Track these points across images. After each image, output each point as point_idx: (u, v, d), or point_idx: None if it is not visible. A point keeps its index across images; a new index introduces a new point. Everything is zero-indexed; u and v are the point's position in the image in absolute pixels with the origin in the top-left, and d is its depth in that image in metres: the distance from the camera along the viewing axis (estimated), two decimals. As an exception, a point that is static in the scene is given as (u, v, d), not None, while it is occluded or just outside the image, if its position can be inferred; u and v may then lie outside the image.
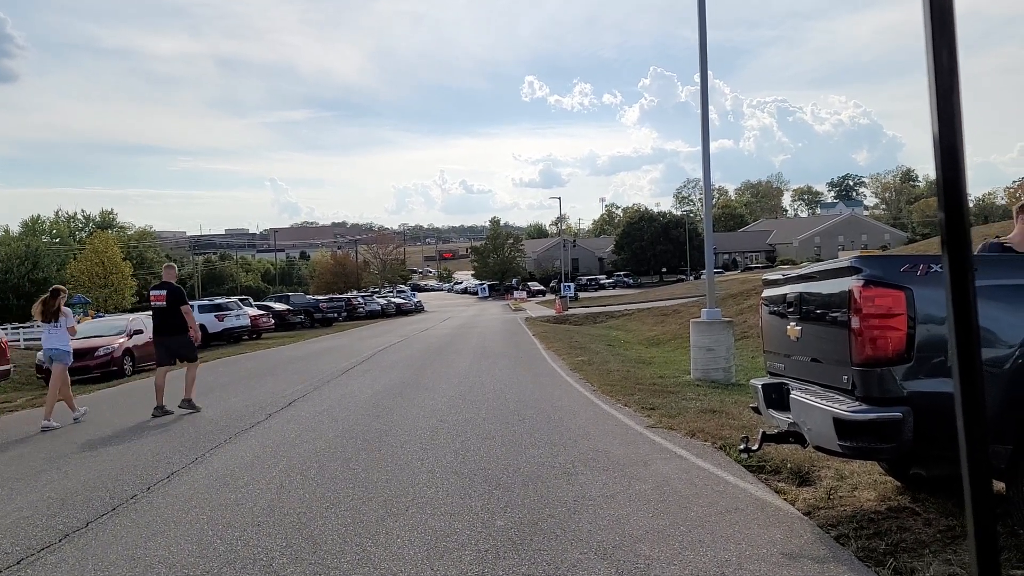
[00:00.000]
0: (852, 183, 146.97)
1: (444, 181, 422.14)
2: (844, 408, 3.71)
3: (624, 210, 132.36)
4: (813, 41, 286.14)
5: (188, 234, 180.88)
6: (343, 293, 61.22)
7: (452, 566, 3.87)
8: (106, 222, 79.77)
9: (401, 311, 54.05)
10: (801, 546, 3.95)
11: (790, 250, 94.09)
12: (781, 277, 5.08)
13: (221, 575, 3.94)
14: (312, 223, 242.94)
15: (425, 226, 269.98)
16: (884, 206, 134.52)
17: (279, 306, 38.89)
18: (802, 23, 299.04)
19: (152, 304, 10.80)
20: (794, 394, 4.37)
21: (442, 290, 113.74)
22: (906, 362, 3.58)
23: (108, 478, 6.41)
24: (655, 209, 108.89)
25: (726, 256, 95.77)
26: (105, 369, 17.43)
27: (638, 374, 12.80)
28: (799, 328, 4.48)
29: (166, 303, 10.42)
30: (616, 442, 6.88)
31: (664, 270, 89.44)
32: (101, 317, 27.61)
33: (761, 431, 4.82)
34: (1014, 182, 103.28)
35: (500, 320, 36.47)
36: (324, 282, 77.35)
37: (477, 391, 10.86)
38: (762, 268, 73.21)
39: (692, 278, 77.50)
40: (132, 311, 39.59)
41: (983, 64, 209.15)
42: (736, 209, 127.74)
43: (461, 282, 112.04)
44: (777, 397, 4.76)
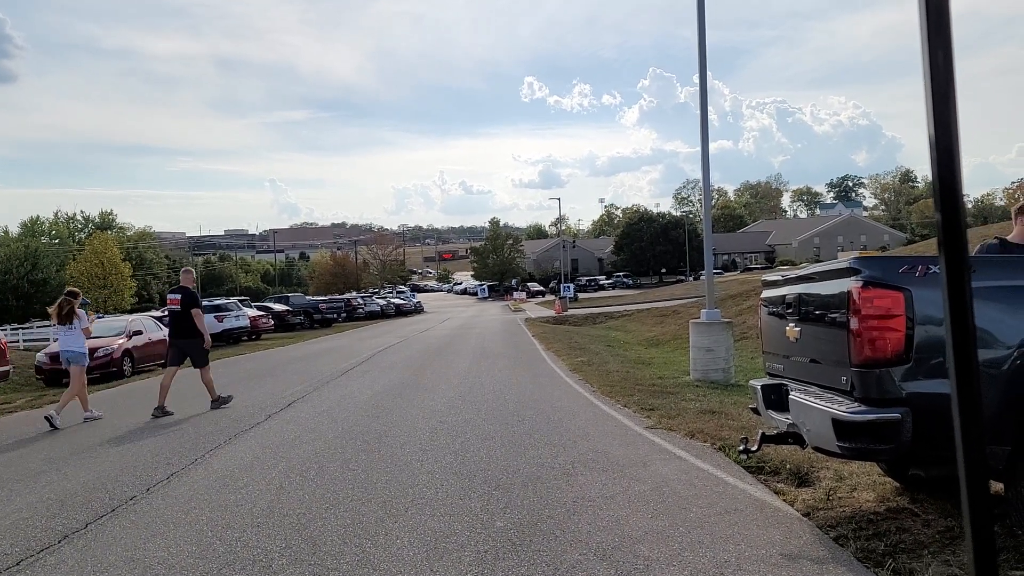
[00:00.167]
0: (851, 184, 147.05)
1: (443, 182, 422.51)
2: (843, 409, 3.71)
3: (623, 211, 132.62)
4: (813, 41, 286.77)
5: (188, 235, 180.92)
6: (342, 294, 61.26)
7: (451, 567, 3.87)
8: (105, 223, 79.72)
9: (400, 312, 54.07)
10: (800, 547, 3.95)
11: (789, 251, 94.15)
12: (780, 278, 5.08)
13: (220, 576, 3.94)
14: (311, 224, 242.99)
15: (424, 227, 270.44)
16: (883, 207, 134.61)
17: (278, 307, 38.90)
18: (802, 23, 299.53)
19: (168, 307, 11.08)
20: (793, 395, 4.37)
21: (441, 291, 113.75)
22: (905, 363, 3.59)
23: (107, 479, 6.41)
24: (654, 210, 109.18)
25: (725, 257, 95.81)
26: (104, 370, 17.41)
27: (637, 375, 12.80)
28: (798, 329, 4.49)
29: (180, 307, 10.63)
30: (615, 443, 6.88)
31: (663, 271, 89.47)
32: (100, 318, 27.55)
33: (760, 432, 4.82)
34: (1013, 183, 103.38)
35: (499, 321, 36.47)
36: (323, 283, 77.37)
37: (476, 392, 10.86)
38: (761, 269, 73.20)
39: (691, 279, 77.53)
40: (131, 312, 39.57)
41: (982, 65, 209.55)
42: (735, 210, 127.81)
43: (460, 283, 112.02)
44: (776, 398, 4.76)
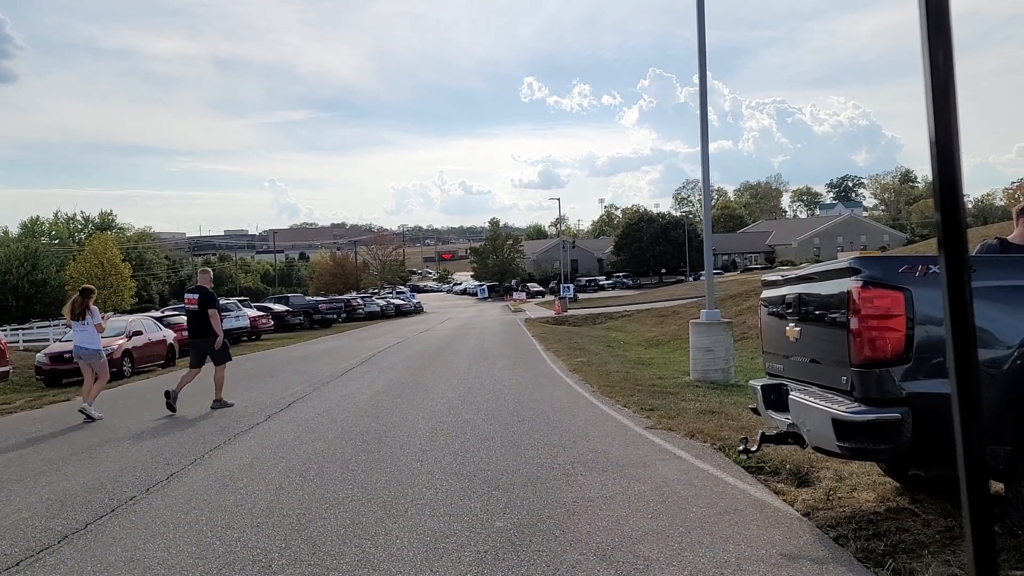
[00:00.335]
0: (851, 184, 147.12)
1: (443, 182, 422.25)
2: (843, 409, 3.71)
3: (623, 211, 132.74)
4: (812, 41, 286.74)
5: (187, 235, 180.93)
6: (342, 294, 61.27)
7: (451, 567, 3.87)
8: (105, 223, 79.76)
9: (400, 312, 54.06)
10: (800, 547, 3.95)
11: (789, 251, 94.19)
12: (780, 278, 5.08)
13: (220, 576, 3.94)
14: (311, 224, 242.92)
15: (424, 227, 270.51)
16: (883, 207, 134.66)
17: (278, 307, 38.89)
18: (801, 23, 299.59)
19: (185, 307, 11.30)
20: (793, 395, 4.37)
21: (441, 291, 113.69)
22: (905, 363, 3.59)
23: (107, 479, 6.40)
24: (654, 210, 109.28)
25: (725, 257, 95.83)
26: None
27: (637, 375, 12.80)
28: (798, 329, 4.49)
29: (197, 306, 10.78)
30: (615, 443, 6.88)
31: (663, 271, 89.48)
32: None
33: (760, 432, 4.82)
34: (1013, 183, 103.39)
35: (499, 321, 36.47)
36: (323, 283, 77.36)
37: (476, 392, 10.85)
38: (761, 269, 73.20)
39: (691, 279, 77.55)
40: (131, 312, 39.55)
41: (982, 65, 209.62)
42: (735, 210, 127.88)
43: (460, 283, 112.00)
44: (776, 398, 4.76)
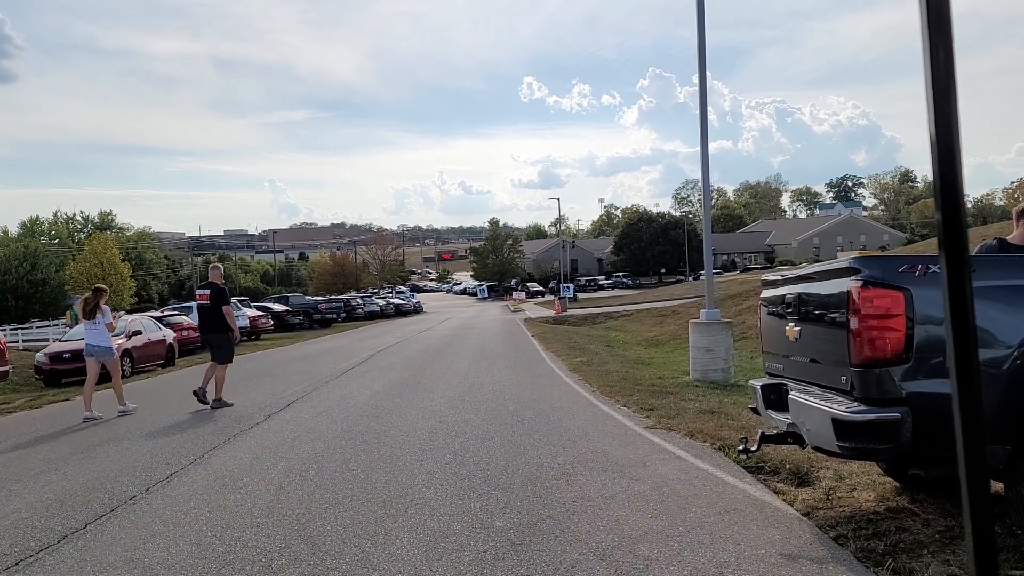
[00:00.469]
0: (851, 184, 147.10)
1: (443, 182, 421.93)
2: (843, 409, 3.71)
3: (623, 211, 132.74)
4: (812, 41, 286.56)
5: (187, 235, 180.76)
6: (342, 294, 61.25)
7: (451, 567, 3.87)
8: (105, 223, 79.79)
9: (400, 312, 54.07)
10: (800, 547, 3.95)
11: (789, 251, 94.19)
12: (780, 278, 5.08)
13: (220, 576, 3.94)
14: (311, 224, 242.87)
15: (424, 227, 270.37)
16: (883, 207, 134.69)
17: (278, 307, 38.89)
18: (801, 23, 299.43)
19: (197, 303, 11.45)
20: (793, 395, 4.37)
21: (441, 291, 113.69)
22: (905, 363, 3.59)
23: (107, 479, 6.40)
24: (654, 210, 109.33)
25: (725, 257, 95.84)
26: (103, 370, 17.37)
27: (637, 375, 12.80)
28: (798, 329, 4.49)
29: (209, 302, 10.90)
30: (615, 443, 6.88)
31: (663, 271, 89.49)
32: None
33: (760, 432, 4.82)
34: (1012, 183, 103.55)
35: (499, 321, 36.47)
36: (323, 283, 77.34)
37: (476, 392, 10.85)
38: (761, 269, 73.21)
39: (691, 279, 77.57)
40: (131, 312, 39.55)
41: (982, 65, 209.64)
42: (735, 210, 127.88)
43: (460, 283, 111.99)
44: (776, 398, 4.76)
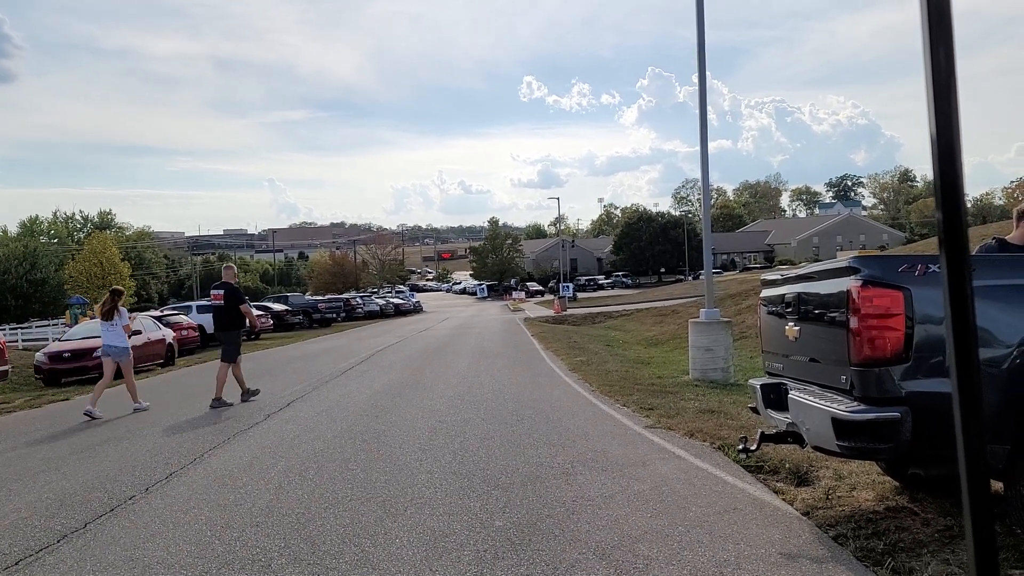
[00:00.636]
0: (850, 183, 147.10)
1: (442, 181, 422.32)
2: (842, 408, 3.72)
3: (622, 210, 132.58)
4: (812, 41, 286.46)
5: (187, 234, 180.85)
6: (341, 293, 61.23)
7: (451, 566, 3.87)
8: (104, 222, 79.79)
9: (400, 311, 54.05)
10: (799, 546, 3.95)
11: (788, 250, 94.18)
12: (779, 277, 5.08)
13: (219, 575, 3.94)
14: (310, 223, 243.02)
15: (424, 226, 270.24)
16: (882, 206, 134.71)
17: (278, 306, 38.87)
18: (801, 23, 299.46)
19: (211, 302, 11.75)
20: (792, 394, 4.37)
21: (441, 290, 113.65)
22: (904, 362, 3.59)
23: (106, 479, 6.40)
24: (653, 209, 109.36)
25: (724, 256, 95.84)
26: (103, 370, 17.37)
27: (636, 374, 12.80)
28: (797, 328, 4.49)
29: (224, 302, 11.16)
30: (615, 442, 6.88)
31: (663, 270, 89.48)
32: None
33: (760, 431, 4.82)
34: (1012, 182, 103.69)
35: (499, 320, 36.47)
36: (322, 282, 77.25)
37: (476, 391, 10.85)
38: (760, 268, 73.27)
39: (690, 278, 77.55)
40: (130, 312, 39.54)
41: (981, 65, 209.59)
42: (734, 209, 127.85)
43: (460, 282, 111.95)
44: (775, 397, 4.76)
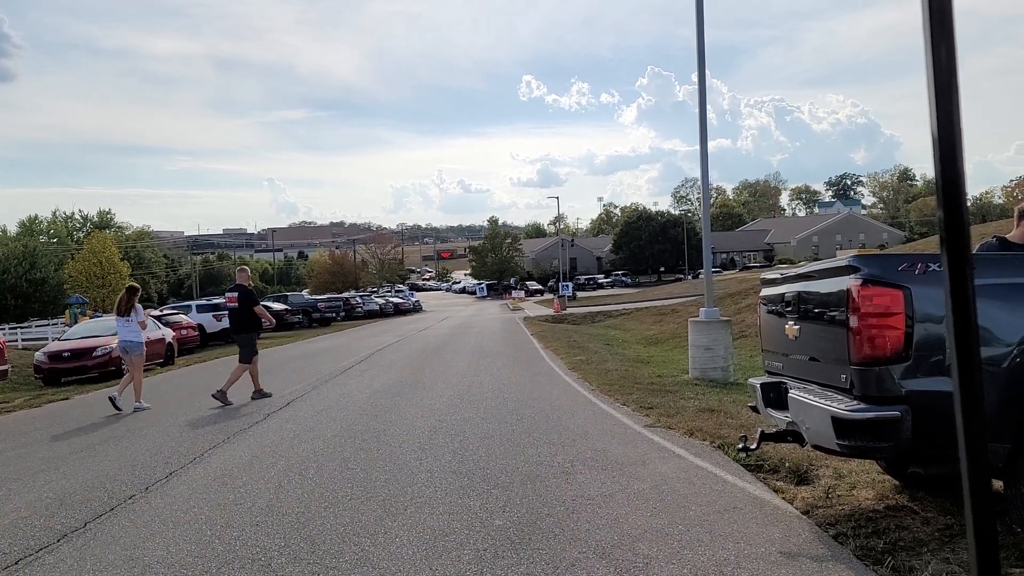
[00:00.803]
0: (850, 182, 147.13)
1: (442, 181, 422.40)
2: (842, 407, 3.72)
3: (622, 209, 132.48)
4: (811, 41, 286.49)
5: (186, 234, 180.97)
6: (341, 293, 61.21)
7: (451, 565, 3.87)
8: (104, 222, 79.77)
9: (399, 311, 54.01)
10: (799, 545, 3.95)
11: (788, 249, 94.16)
12: (779, 276, 5.08)
13: (220, 575, 3.94)
14: (310, 223, 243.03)
15: (423, 226, 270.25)
16: (882, 205, 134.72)
17: (277, 306, 38.82)
18: (800, 23, 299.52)
19: (227, 304, 12.00)
20: (792, 393, 4.37)
21: (440, 290, 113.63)
22: (904, 361, 3.59)
23: (106, 478, 6.40)
24: (653, 208, 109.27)
25: (724, 255, 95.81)
26: (103, 369, 17.40)
27: (636, 373, 12.80)
28: (797, 327, 4.48)
29: (238, 304, 11.35)
30: (614, 441, 6.88)
31: (662, 269, 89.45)
32: (99, 317, 27.58)
33: (759, 430, 4.82)
34: (1011, 181, 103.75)
35: (498, 319, 36.46)
36: (322, 282, 77.16)
37: (475, 390, 10.85)
38: (760, 267, 73.23)
39: (690, 277, 77.54)
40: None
41: (981, 64, 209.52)
42: (734, 208, 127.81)
43: (459, 282, 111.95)
44: (775, 396, 4.76)
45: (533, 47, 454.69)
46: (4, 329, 35.47)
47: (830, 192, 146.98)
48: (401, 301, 57.71)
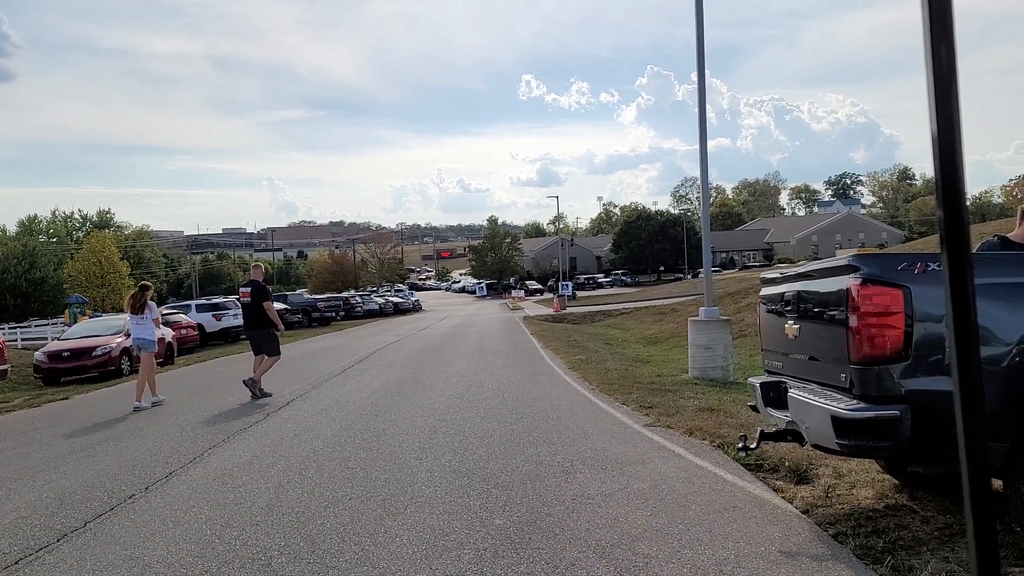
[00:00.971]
0: (849, 181, 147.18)
1: (442, 180, 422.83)
2: (842, 406, 3.72)
3: (622, 209, 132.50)
4: (810, 40, 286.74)
5: (186, 233, 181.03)
6: (340, 292, 61.18)
7: (451, 565, 3.87)
8: (103, 222, 79.76)
9: (399, 310, 54.02)
10: (799, 544, 3.95)
11: (787, 248, 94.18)
12: (779, 276, 5.08)
13: (220, 574, 3.94)
14: (310, 222, 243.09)
15: (423, 225, 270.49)
16: (881, 204, 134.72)
17: (277, 305, 38.72)
18: (800, 22, 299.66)
19: (240, 300, 12.15)
20: (792, 392, 4.37)
21: (440, 289, 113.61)
22: (904, 360, 3.59)
23: (106, 478, 6.40)
24: (652, 208, 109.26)
25: (724, 255, 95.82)
26: (103, 369, 17.40)
27: (636, 373, 12.81)
28: (797, 326, 4.49)
29: (251, 299, 11.48)
30: (614, 441, 6.88)
31: (662, 269, 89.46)
32: (98, 317, 27.57)
33: (759, 429, 4.82)
34: (1011, 180, 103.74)
35: (498, 319, 36.45)
36: (322, 281, 77.22)
37: (475, 390, 10.85)
38: (760, 267, 73.26)
39: (690, 277, 77.55)
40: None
41: (980, 63, 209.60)
42: (733, 208, 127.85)
43: (459, 281, 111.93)
44: (775, 395, 4.76)
45: (533, 47, 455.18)
46: (4, 329, 35.47)
47: (830, 191, 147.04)
48: (401, 301, 57.69)
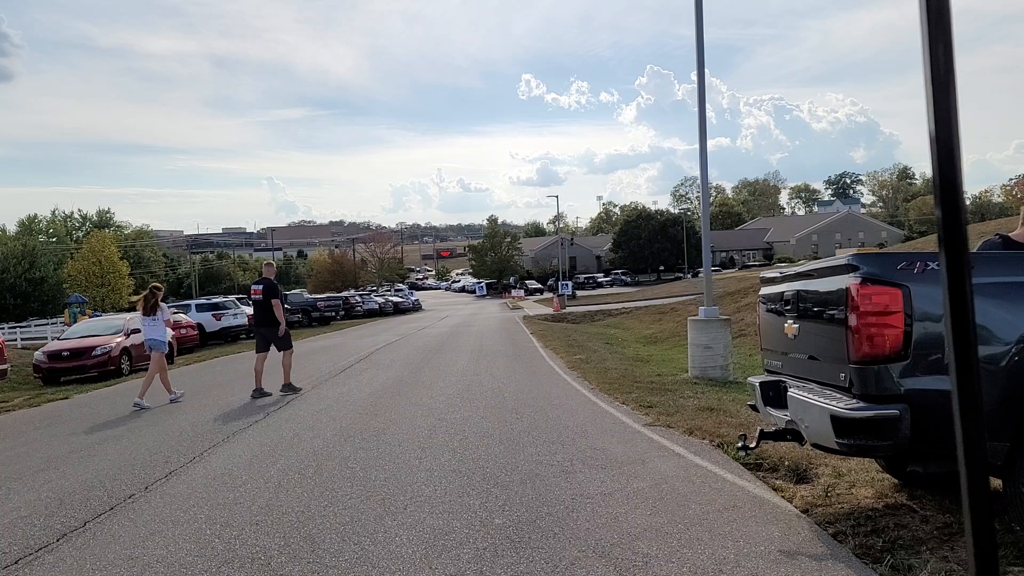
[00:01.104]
0: (849, 181, 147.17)
1: (441, 180, 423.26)
2: (842, 406, 3.72)
3: (621, 208, 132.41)
4: (810, 39, 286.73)
5: (185, 233, 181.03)
6: (340, 292, 61.17)
7: (450, 564, 3.87)
8: (103, 221, 79.65)
9: (399, 309, 54.01)
10: (799, 543, 3.95)
11: (787, 248, 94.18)
12: (778, 275, 5.08)
13: (219, 574, 3.94)
14: (309, 222, 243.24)
15: (423, 224, 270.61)
16: (881, 204, 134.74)
17: (277, 305, 38.73)
18: (799, 21, 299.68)
19: (251, 297, 12.20)
20: (792, 392, 4.37)
21: (440, 288, 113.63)
22: (903, 359, 3.59)
23: (106, 478, 6.40)
24: (652, 207, 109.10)
25: (723, 254, 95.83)
26: (102, 369, 17.40)
27: (636, 372, 12.81)
28: (796, 326, 4.49)
29: (262, 296, 11.64)
30: (614, 440, 6.88)
31: (662, 268, 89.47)
32: (98, 316, 27.56)
33: (759, 429, 4.83)
34: (1010, 179, 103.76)
35: (498, 318, 36.45)
36: (321, 281, 77.19)
37: (475, 389, 10.85)
38: (759, 266, 73.28)
39: (689, 276, 77.56)
40: (130, 310, 39.50)
41: (979, 63, 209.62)
42: (733, 207, 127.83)
43: (459, 280, 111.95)
44: (775, 395, 4.77)
45: (532, 46, 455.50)
46: (3, 328, 35.47)
47: (829, 191, 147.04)
48: (400, 300, 57.69)
